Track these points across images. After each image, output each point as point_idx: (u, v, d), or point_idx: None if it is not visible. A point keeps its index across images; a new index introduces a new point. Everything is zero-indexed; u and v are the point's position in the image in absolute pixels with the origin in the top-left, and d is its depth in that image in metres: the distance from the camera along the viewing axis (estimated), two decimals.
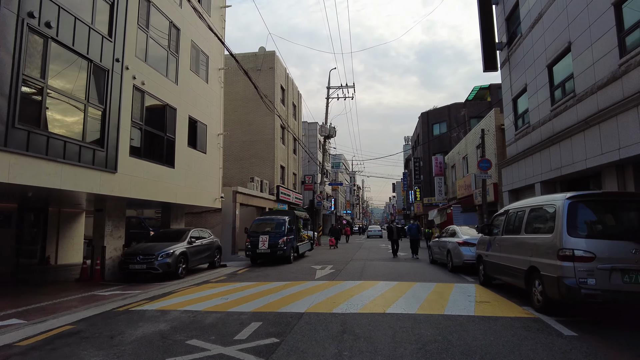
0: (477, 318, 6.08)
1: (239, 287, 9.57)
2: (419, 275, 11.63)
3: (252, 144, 24.92)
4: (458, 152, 25.28)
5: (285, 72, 28.28)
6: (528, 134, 13.11)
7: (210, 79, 16.66)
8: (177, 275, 11.82)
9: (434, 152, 43.31)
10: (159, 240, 12.92)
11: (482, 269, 9.55)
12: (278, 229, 15.86)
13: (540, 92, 12.12)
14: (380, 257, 18.24)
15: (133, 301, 8.24)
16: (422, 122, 44.82)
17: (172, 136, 13.50)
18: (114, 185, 10.52)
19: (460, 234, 12.62)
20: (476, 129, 20.85)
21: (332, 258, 17.68)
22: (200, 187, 15.28)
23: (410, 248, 17.96)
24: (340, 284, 9.72)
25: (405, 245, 23.71)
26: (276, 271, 13.11)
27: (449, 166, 28.61)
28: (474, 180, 21.22)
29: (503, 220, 8.39)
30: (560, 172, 10.64)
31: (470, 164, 22.10)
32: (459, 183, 24.38)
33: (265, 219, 16.83)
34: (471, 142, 21.93)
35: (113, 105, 10.48)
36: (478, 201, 20.06)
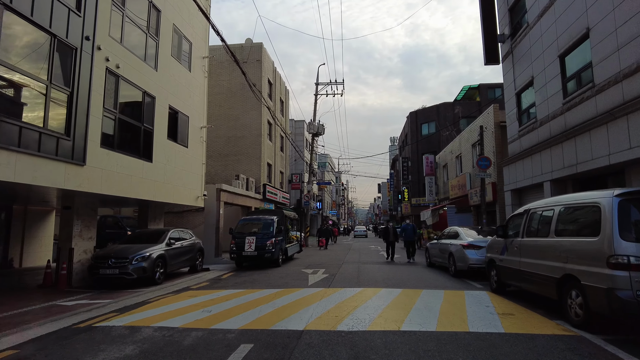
0: (511, 337, 5.12)
1: (224, 296, 8.44)
2: (421, 280, 10.68)
3: (238, 140, 23.70)
4: (451, 151, 24.57)
5: (272, 65, 27.14)
6: (535, 129, 12.32)
7: (193, 67, 15.45)
8: (155, 281, 10.61)
9: (422, 152, 42.72)
10: (134, 241, 11.68)
11: (495, 274, 8.66)
12: (266, 229, 14.75)
13: (550, 85, 11.33)
14: (373, 259, 17.28)
15: (99, 314, 7.04)
16: (410, 122, 44.19)
17: (150, 127, 12.27)
18: (82, 180, 9.27)
19: (463, 235, 11.74)
20: (472, 126, 20.13)
21: (322, 261, 16.64)
22: (181, 183, 14.06)
23: (405, 250, 16.77)
24: (338, 292, 8.68)
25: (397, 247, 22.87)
26: (264, 276, 12.00)
27: (440, 166, 27.91)
28: (469, 180, 20.48)
29: (523, 221, 7.48)
30: (576, 170, 9.83)
31: (465, 163, 21.37)
32: (452, 183, 23.65)
33: (251, 219, 15.68)
34: (466, 140, 21.20)
35: (82, 88, 9.23)
36: (474, 201, 19.31)
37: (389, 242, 17.09)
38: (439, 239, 13.80)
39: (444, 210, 22.24)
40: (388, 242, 17.17)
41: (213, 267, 14.62)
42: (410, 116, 44.31)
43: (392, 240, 16.94)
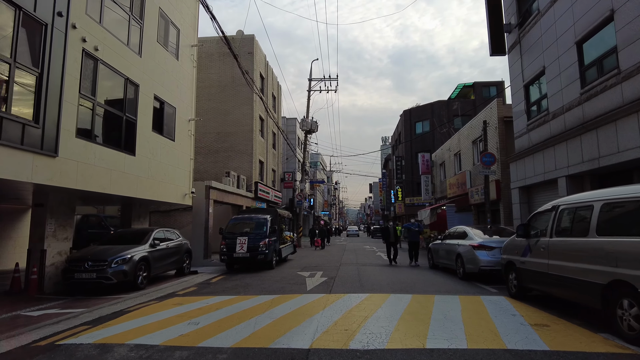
0: (559, 356, 4.28)
1: (214, 304, 7.49)
2: (429, 284, 9.84)
3: (228, 136, 22.67)
4: (449, 148, 23.85)
5: (264, 59, 26.16)
6: (546, 122, 11.57)
7: (181, 55, 14.43)
8: (137, 285, 9.61)
9: (416, 151, 42.07)
10: (114, 242, 10.65)
11: (514, 278, 7.84)
12: (259, 229, 13.79)
13: (565, 74, 10.58)
14: (372, 261, 16.43)
15: (68, 327, 6.05)
16: (404, 120, 43.53)
17: (133, 117, 11.24)
18: (54, 173, 8.24)
19: (473, 235, 10.92)
20: (473, 122, 19.41)
21: (318, 262, 15.73)
22: (166, 179, 13.04)
23: (408, 253, 15.32)
24: (342, 298, 7.78)
25: None
26: (257, 279, 11.06)
27: (437, 164, 27.21)
28: (470, 178, 19.76)
29: (551, 219, 6.67)
30: (598, 164, 9.08)
31: (465, 161, 20.66)
32: (450, 181, 22.93)
33: (243, 218, 14.71)
34: (466, 137, 20.48)
35: (54, 70, 8.20)
36: (475, 200, 18.58)
37: (389, 243, 15.39)
38: (443, 239, 12.99)
39: (443, 210, 21.50)
40: (388, 244, 15.42)
41: (202, 270, 13.62)
42: (404, 114, 43.65)
43: (393, 242, 15.31)
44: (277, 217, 15.33)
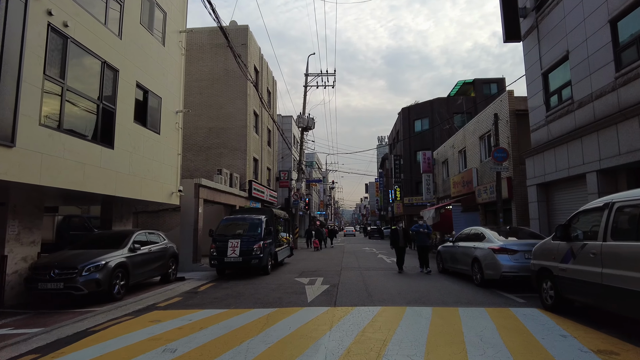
0: None
1: (198, 322, 6.28)
2: (444, 293, 8.70)
3: (221, 132, 21.43)
4: (452, 145, 22.76)
5: (259, 52, 24.94)
6: (570, 112, 10.48)
7: (168, 41, 13.20)
8: (112, 296, 8.39)
9: (415, 149, 41.05)
10: (89, 246, 9.43)
11: (550, 287, 6.72)
12: (252, 231, 12.58)
13: (594, 57, 9.49)
14: (375, 265, 15.28)
15: (11, 356, 4.82)
16: (402, 118, 42.48)
17: (111, 106, 10.00)
18: (10, 166, 6.99)
19: (492, 237, 9.79)
20: (480, 117, 18.32)
21: (317, 266, 14.55)
22: (150, 176, 11.80)
23: (418, 258, 13.24)
24: (350, 313, 6.61)
25: None
26: (251, 287, 9.86)
27: (439, 162, 26.13)
28: (476, 176, 18.66)
29: (604, 219, 5.54)
30: None
31: (471, 158, 19.57)
32: (454, 179, 21.83)
33: (236, 219, 13.49)
34: (472, 132, 19.40)
35: (10, 45, 6.96)
36: (482, 199, 17.49)
37: (398, 248, 13.17)
38: (454, 242, 11.86)
39: (448, 209, 20.39)
40: (398, 249, 13.15)
41: (190, 276, 12.39)
42: (402, 112, 42.60)
43: (403, 247, 13.25)
44: (273, 217, 14.14)
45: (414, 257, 15.73)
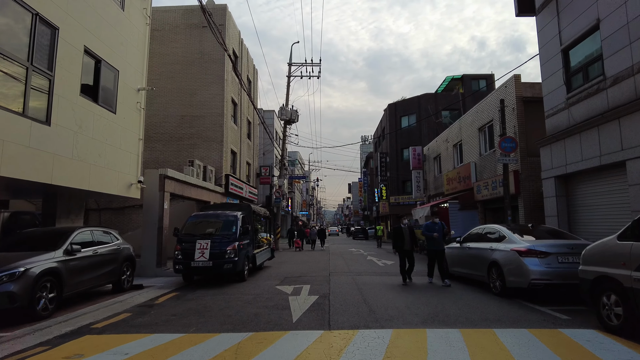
0: None
1: (138, 355, 4.37)
2: (463, 306, 7.00)
3: (195, 120, 19.37)
4: (446, 139, 21.27)
5: (239, 37, 22.93)
6: (602, 90, 8.95)
7: (128, 6, 11.17)
8: (36, 313, 6.38)
9: (402, 146, 39.66)
10: (12, 248, 7.38)
11: (615, 302, 5.09)
12: (226, 230, 10.66)
13: (636, 22, 7.96)
14: (367, 268, 13.56)
15: None
16: (389, 115, 41.04)
17: (47, 72, 7.96)
18: None
19: (515, 237, 8.15)
20: (480, 107, 16.82)
21: (302, 270, 12.74)
22: (103, 163, 9.76)
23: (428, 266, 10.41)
24: (353, 339, 4.81)
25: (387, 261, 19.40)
26: (221, 299, 7.96)
27: (430, 158, 24.64)
28: (475, 171, 17.17)
29: None
30: None
31: (468, 152, 18.08)
32: (448, 176, 20.33)
33: (207, 215, 11.53)
34: (469, 124, 17.91)
35: None
36: (482, 196, 15.98)
37: (404, 252, 10.18)
38: (462, 242, 10.20)
39: (444, 207, 18.84)
40: (403, 253, 10.19)
41: (151, 283, 10.38)
42: (388, 109, 41.14)
43: (410, 250, 10.30)
44: (252, 214, 12.26)
45: None
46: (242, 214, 11.38)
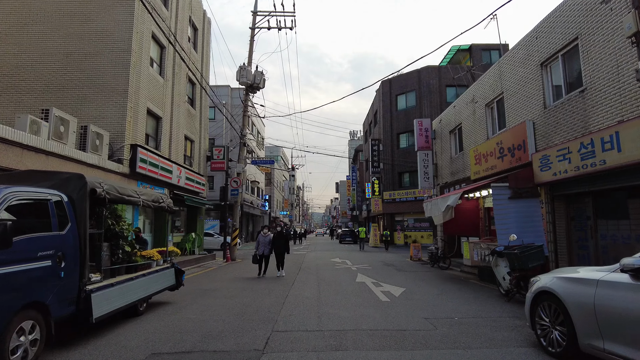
0: None
1: None
2: None
3: (87, 60, 12.27)
4: (472, 98, 14.50)
5: None
6: None
7: None
8: None
9: (398, 131, 32.89)
10: None
11: None
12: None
13: None
14: (358, 316, 6.62)
15: None
16: (382, 94, 34.27)
17: None
18: None
19: None
20: (542, 28, 10.02)
21: (216, 327, 5.75)
22: None
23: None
24: None
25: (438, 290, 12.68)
26: None
27: (443, 134, 17.87)
28: (533, 133, 10.37)
29: None
30: None
31: (519, 107, 11.24)
32: (477, 151, 13.50)
33: None
34: (521, 61, 11.11)
35: None
36: (554, 174, 9.20)
37: None
38: (630, 271, 3.25)
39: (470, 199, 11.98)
40: None
41: None
42: (382, 86, 34.36)
43: None
44: (84, 197, 5.18)
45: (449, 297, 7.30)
46: (59, 197, 4.38)
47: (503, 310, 6.74)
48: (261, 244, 11.76)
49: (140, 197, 6.73)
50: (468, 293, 8.61)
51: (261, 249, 11.68)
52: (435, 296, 8.19)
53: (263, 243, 11.76)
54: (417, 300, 7.64)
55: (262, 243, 11.76)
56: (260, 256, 11.67)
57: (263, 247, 11.73)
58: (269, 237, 11.93)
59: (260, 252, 11.65)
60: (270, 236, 12.00)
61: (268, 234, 12.03)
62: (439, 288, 9.35)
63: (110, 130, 11.69)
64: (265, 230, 12.20)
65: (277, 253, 11.85)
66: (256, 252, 11.69)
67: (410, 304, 7.25)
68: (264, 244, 11.77)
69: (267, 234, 12.04)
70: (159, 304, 7.46)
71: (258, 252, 11.66)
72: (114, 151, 11.72)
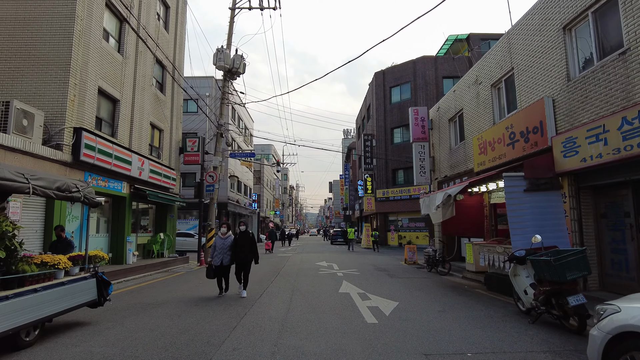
0: None
1: None
2: None
3: (19, 26, 10.32)
4: (475, 79, 12.73)
5: None
6: None
7: None
8: None
9: (392, 126, 31.11)
10: None
11: None
12: None
13: None
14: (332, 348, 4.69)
15: None
16: (375, 86, 32.45)
17: None
18: None
19: None
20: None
21: None
22: None
23: None
24: None
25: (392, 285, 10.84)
26: None
27: (440, 123, 16.10)
28: (553, 114, 8.58)
29: None
30: None
31: (535, 82, 9.47)
32: (482, 139, 11.71)
33: None
34: (538, 28, 9.33)
35: None
36: (583, 159, 7.40)
37: None
38: None
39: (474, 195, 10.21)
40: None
41: None
42: (375, 78, 32.55)
43: None
44: None
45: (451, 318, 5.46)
46: None
47: (532, 340, 4.92)
48: (218, 249, 8.33)
49: (31, 181, 4.83)
50: (477, 309, 6.79)
51: (218, 258, 8.25)
52: (436, 315, 6.36)
53: (221, 248, 8.33)
54: (414, 322, 5.81)
55: (219, 248, 8.34)
56: (218, 268, 8.29)
57: (221, 254, 8.28)
58: (229, 241, 8.42)
59: (216, 261, 8.24)
60: (230, 238, 8.48)
61: (228, 236, 8.49)
62: (440, 302, 7.52)
63: (46, 109, 9.76)
64: (223, 229, 8.53)
65: (238, 263, 8.36)
66: (211, 262, 8.38)
67: (405, 329, 5.41)
68: (222, 249, 8.31)
69: (227, 235, 8.49)
70: (67, 327, 5.58)
71: (214, 261, 8.28)
72: (52, 135, 9.78)
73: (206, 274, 8.50)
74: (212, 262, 8.32)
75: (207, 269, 8.49)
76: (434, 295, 8.35)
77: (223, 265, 8.27)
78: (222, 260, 8.26)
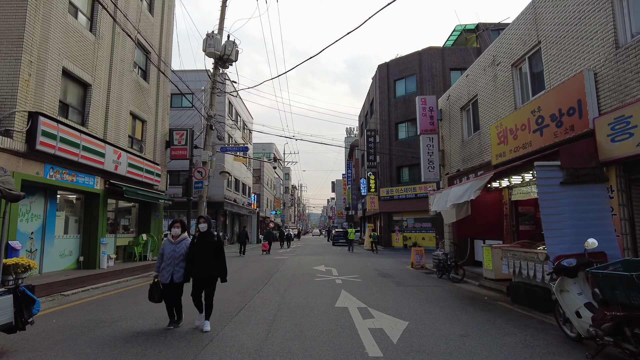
0: None
1: None
2: None
3: None
4: (492, 60, 11.23)
5: None
6: None
7: None
8: None
9: (397, 121, 29.60)
10: None
11: None
12: None
13: None
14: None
15: None
16: (379, 79, 30.94)
17: None
18: None
19: None
20: None
21: None
22: None
23: None
24: None
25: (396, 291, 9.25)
26: None
27: (451, 113, 14.61)
28: (595, 89, 7.08)
29: None
30: None
31: (570, 55, 7.98)
32: (503, 126, 10.21)
33: None
34: None
35: None
36: (632, 147, 5.87)
37: None
38: None
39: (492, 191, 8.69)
40: None
41: None
42: (379, 71, 31.03)
43: None
44: None
45: None
46: None
47: None
48: (167, 259, 5.60)
49: None
50: (510, 333, 5.31)
51: (166, 272, 5.55)
52: (458, 341, 4.90)
53: (170, 258, 5.58)
54: (430, 355, 4.34)
55: (168, 258, 5.60)
56: (165, 286, 5.54)
57: (171, 266, 5.56)
58: (182, 247, 5.64)
59: (164, 278, 5.54)
60: (186, 243, 5.70)
61: (182, 239, 5.73)
62: (460, 321, 6.04)
63: None
64: (176, 229, 5.75)
65: (197, 280, 5.59)
66: (155, 279, 5.61)
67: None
68: (172, 259, 5.58)
69: (180, 236, 5.74)
70: None
71: (161, 277, 5.56)
72: (0, 119, 8.37)
73: (149, 295, 5.61)
74: (159, 279, 5.59)
75: (151, 287, 5.61)
76: (450, 310, 6.87)
77: (173, 282, 5.51)
78: (171, 276, 5.52)
